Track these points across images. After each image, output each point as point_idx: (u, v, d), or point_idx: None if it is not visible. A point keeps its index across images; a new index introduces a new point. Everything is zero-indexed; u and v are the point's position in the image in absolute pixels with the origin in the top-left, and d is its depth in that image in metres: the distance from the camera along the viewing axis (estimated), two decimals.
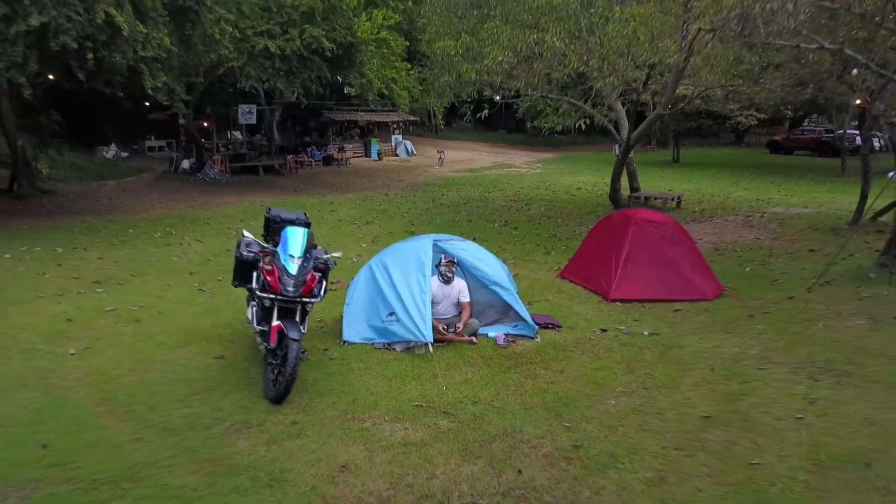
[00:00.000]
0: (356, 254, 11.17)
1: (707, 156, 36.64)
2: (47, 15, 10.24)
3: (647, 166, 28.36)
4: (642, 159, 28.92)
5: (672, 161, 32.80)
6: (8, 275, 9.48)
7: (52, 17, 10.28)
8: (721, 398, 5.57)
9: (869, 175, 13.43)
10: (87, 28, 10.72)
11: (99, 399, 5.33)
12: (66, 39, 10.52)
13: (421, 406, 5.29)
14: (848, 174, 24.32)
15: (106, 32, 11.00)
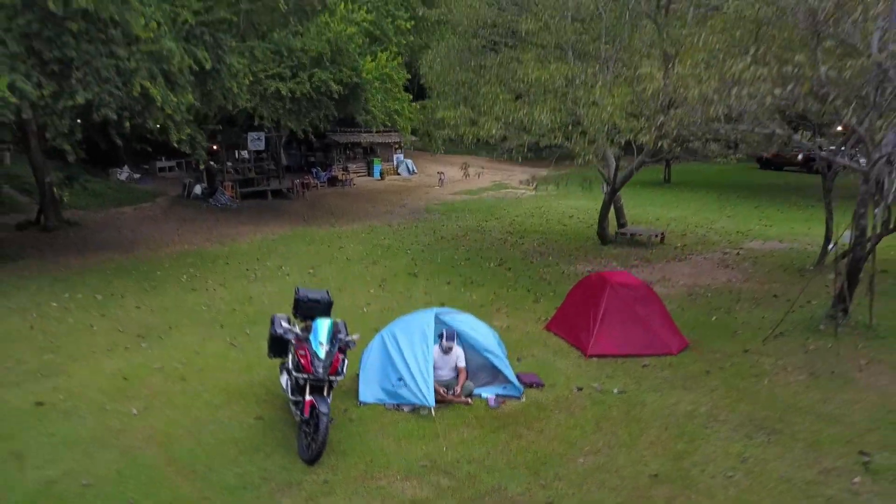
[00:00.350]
0: (366, 302, 12.43)
1: (698, 173, 37.86)
2: (91, 92, 11.53)
3: (637, 187, 29.54)
4: (633, 178, 30.20)
5: (663, 181, 34.07)
6: (61, 327, 10.76)
7: (95, 94, 11.57)
8: (670, 456, 6.85)
9: (830, 222, 14.71)
10: (125, 100, 12.01)
11: (167, 459, 6.61)
12: (108, 111, 11.82)
13: (426, 465, 6.57)
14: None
15: (141, 103, 12.30)
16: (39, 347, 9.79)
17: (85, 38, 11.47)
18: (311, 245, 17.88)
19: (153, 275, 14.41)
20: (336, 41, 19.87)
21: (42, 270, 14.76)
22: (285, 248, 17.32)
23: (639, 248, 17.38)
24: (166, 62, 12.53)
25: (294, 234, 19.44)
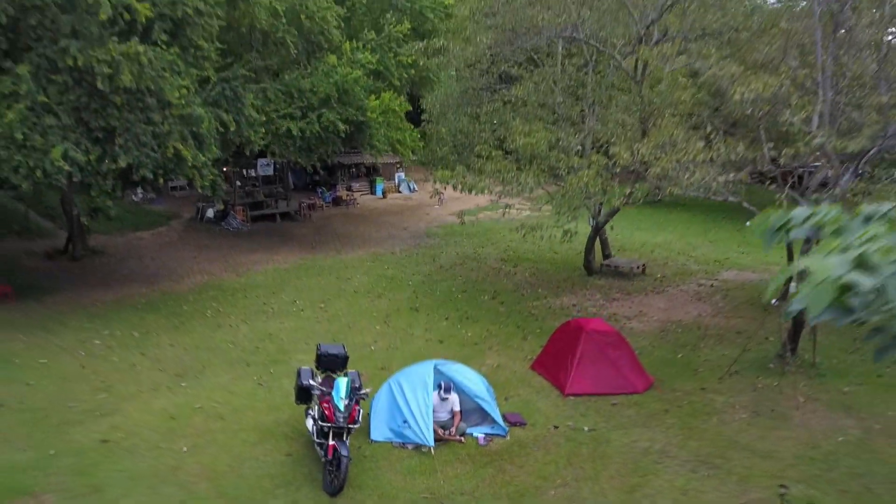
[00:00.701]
0: (373, 339, 13.98)
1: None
2: (131, 155, 13.11)
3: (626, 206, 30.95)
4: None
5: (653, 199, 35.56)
6: (107, 365, 12.34)
7: (135, 157, 13.14)
8: (626, 489, 8.43)
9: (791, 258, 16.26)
10: (160, 160, 13.59)
11: (216, 492, 8.19)
12: (145, 172, 13.39)
13: (426, 497, 8.14)
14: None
15: (173, 162, 13.87)
16: (93, 387, 11.36)
17: (126, 109, 13.04)
18: (321, 276, 19.44)
19: (180, 310, 15.98)
20: (342, 83, 21.45)
21: (78, 305, 16.33)
22: (297, 280, 18.89)
23: (621, 280, 18.95)
24: (196, 125, 14.10)
25: (304, 264, 20.99)
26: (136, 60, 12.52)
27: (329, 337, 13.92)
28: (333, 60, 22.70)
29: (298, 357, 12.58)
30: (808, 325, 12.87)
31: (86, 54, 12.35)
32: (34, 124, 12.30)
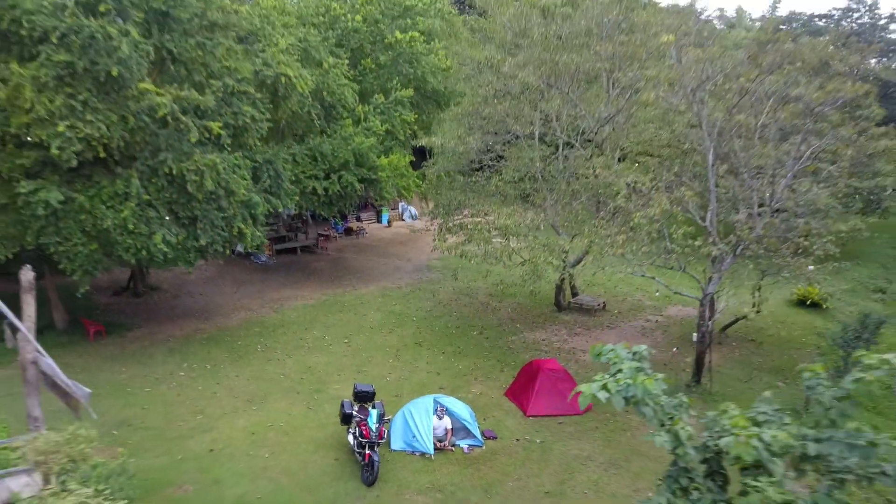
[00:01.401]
0: (388, 372, 18.51)
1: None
2: (208, 236, 17.67)
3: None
4: None
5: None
6: (195, 392, 16.89)
7: (210, 237, 17.71)
8: (558, 482, 12.98)
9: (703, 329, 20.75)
10: (227, 237, 18.16)
11: (294, 484, 12.74)
12: (217, 246, 17.97)
13: (429, 487, 12.69)
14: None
15: (237, 237, 18.44)
16: (190, 410, 15.92)
17: (205, 202, 17.58)
18: (342, 313, 23.96)
19: (235, 345, 20.52)
20: (358, 150, 25.96)
21: (155, 340, 20.88)
22: (323, 317, 23.41)
23: (584, 316, 23.50)
24: (254, 209, 18.66)
25: (327, 301, 25.50)
26: (215, 168, 17.10)
27: (354, 369, 18.53)
28: (350, 127, 27.16)
29: (334, 387, 17.17)
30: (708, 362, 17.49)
31: (178, 165, 16.92)
32: (140, 216, 16.85)
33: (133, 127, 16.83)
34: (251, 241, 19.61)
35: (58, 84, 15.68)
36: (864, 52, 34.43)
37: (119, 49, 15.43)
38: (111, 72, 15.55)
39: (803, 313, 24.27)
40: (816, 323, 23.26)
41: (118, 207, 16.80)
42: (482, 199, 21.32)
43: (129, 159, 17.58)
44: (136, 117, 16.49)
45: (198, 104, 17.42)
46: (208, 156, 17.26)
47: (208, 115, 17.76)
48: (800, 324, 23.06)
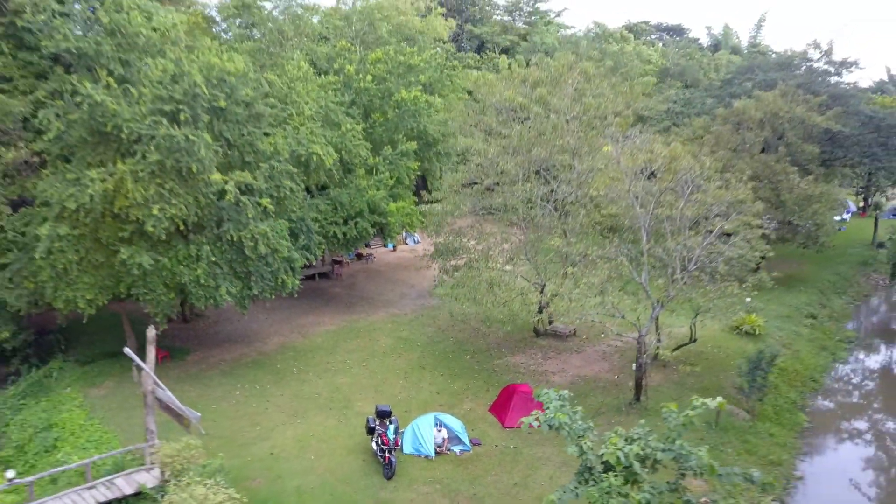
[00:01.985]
0: (399, 391, 23.62)
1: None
2: (259, 287, 22.79)
3: None
4: None
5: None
6: (251, 409, 22.00)
7: (260, 286, 22.84)
8: (522, 477, 18.13)
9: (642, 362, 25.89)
10: (274, 286, 23.33)
11: (336, 478, 17.90)
12: (266, 294, 23.14)
13: (431, 480, 17.84)
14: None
15: (280, 286, 23.60)
16: (249, 423, 21.04)
17: (258, 260, 22.68)
18: (358, 338, 29.04)
19: (276, 368, 25.62)
20: (372, 200, 31.05)
21: (210, 364, 25.96)
22: (344, 343, 28.48)
23: (558, 341, 28.59)
24: (294, 262, 23.76)
25: (345, 327, 30.56)
26: (266, 236, 22.21)
27: (372, 389, 23.66)
28: (363, 178, 32.21)
29: (358, 404, 22.30)
30: (645, 384, 22.61)
31: (238, 233, 22.03)
32: (209, 273, 21.94)
33: (204, 205, 21.97)
34: (291, 288, 24.76)
35: (151, 176, 20.79)
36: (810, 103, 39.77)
37: (197, 151, 20.53)
38: (191, 168, 20.66)
39: (738, 339, 29.33)
40: (748, 348, 28.26)
41: (192, 266, 21.94)
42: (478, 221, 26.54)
43: (200, 228, 22.70)
44: (206, 198, 21.62)
45: (251, 184, 22.54)
46: (261, 225, 22.40)
47: (259, 192, 22.87)
48: (733, 349, 28.12)
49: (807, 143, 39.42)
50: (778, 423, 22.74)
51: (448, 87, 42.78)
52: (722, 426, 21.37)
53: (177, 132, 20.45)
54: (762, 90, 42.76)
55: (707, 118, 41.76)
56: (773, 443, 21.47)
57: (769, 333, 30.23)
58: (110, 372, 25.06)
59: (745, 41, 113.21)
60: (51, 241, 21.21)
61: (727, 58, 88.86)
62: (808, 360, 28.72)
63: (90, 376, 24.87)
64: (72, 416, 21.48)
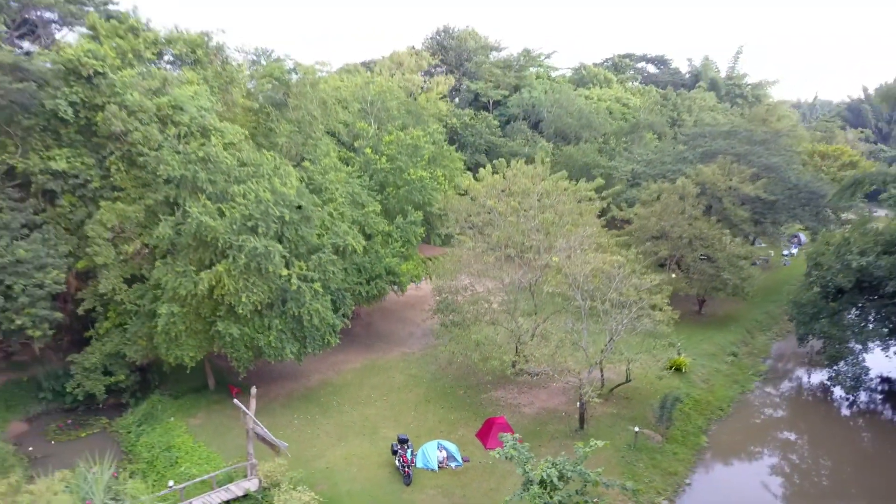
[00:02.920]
0: (411, 420, 32.73)
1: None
2: (312, 346, 31.93)
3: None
4: None
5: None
6: (308, 434, 31.15)
7: (313, 347, 31.96)
8: (497, 483, 27.30)
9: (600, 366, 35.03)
10: (321, 345, 32.43)
11: (372, 485, 27.06)
12: (316, 350, 32.32)
13: (436, 486, 27.01)
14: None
15: (326, 342, 32.71)
16: (308, 445, 30.16)
17: (311, 328, 31.80)
18: (378, 375, 38.11)
19: (320, 401, 34.71)
20: (387, 266, 40.09)
21: (270, 398, 34.99)
22: (367, 379, 37.53)
23: (530, 378, 37.64)
24: (336, 328, 32.88)
25: (367, 365, 39.59)
26: (318, 312, 31.28)
27: (392, 419, 32.77)
28: (381, 246, 41.25)
29: (383, 430, 31.41)
30: (588, 416, 31.71)
31: (298, 310, 31.10)
32: (277, 338, 31.03)
33: (274, 290, 31.05)
34: (333, 345, 33.87)
35: (240, 273, 29.85)
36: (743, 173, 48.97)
37: (273, 257, 29.62)
38: (268, 268, 29.75)
39: (670, 377, 38.34)
40: (675, 384, 37.37)
41: (266, 334, 31.06)
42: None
43: (270, 306, 31.76)
44: (276, 286, 30.72)
45: (307, 274, 31.63)
46: (314, 304, 31.48)
47: (312, 279, 31.95)
48: (663, 385, 37.10)
49: (740, 208, 48.58)
50: (683, 444, 31.84)
51: (447, 158, 51.75)
52: (638, 447, 30.44)
53: (259, 243, 29.53)
54: (709, 158, 51.93)
55: (660, 183, 50.62)
56: (675, 459, 30.58)
57: (693, 371, 39.31)
58: (199, 405, 34.21)
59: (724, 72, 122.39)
60: (168, 317, 30.34)
61: (701, 95, 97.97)
62: (719, 393, 37.84)
63: (185, 408, 33.98)
64: (183, 440, 30.60)
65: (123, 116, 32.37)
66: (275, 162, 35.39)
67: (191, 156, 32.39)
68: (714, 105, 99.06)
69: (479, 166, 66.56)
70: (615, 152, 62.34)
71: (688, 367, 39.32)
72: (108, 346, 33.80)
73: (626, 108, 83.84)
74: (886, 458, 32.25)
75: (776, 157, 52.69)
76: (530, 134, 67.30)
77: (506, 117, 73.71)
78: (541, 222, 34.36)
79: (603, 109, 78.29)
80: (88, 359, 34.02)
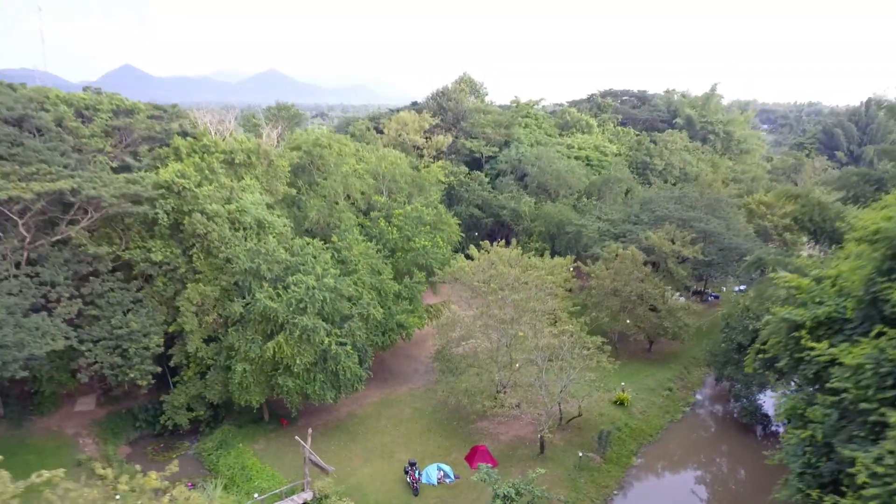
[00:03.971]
0: (418, 446, 44.40)
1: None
2: (345, 391, 43.54)
3: None
4: None
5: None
6: (344, 457, 42.84)
7: (345, 392, 43.59)
8: (477, 494, 39.02)
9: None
10: (350, 391, 44.07)
11: (390, 496, 38.80)
12: (346, 395, 44.01)
13: (436, 496, 38.73)
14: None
15: (353, 388, 44.33)
16: (343, 465, 41.85)
17: (345, 379, 43.34)
18: (391, 408, 49.71)
19: (349, 430, 46.37)
20: (399, 321, 51.59)
21: (312, 426, 46.62)
22: (384, 411, 49.13)
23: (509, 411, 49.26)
24: (361, 378, 44.44)
25: (382, 400, 51.17)
26: (350, 368, 42.87)
27: (403, 444, 44.49)
28: (393, 303, 52.81)
29: (397, 454, 43.12)
30: (546, 442, 43.45)
31: (337, 367, 42.71)
32: (321, 388, 42.60)
33: (318, 352, 42.69)
34: (359, 389, 45.48)
35: (295, 342, 41.45)
36: (685, 238, 60.43)
37: (319, 332, 41.22)
38: (315, 338, 41.35)
39: (615, 409, 50.03)
40: (617, 415, 49.00)
41: (312, 384, 42.70)
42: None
43: (314, 364, 43.35)
44: (320, 350, 42.35)
45: (341, 339, 43.26)
46: (348, 361, 43.09)
47: (345, 343, 43.55)
48: (608, 417, 48.78)
49: (681, 267, 60.21)
50: (616, 464, 43.51)
51: (445, 223, 63.22)
52: (581, 467, 42.12)
53: (308, 321, 41.13)
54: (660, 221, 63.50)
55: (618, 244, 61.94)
56: (609, 476, 42.25)
57: (634, 404, 50.97)
58: (259, 433, 45.91)
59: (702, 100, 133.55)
60: (241, 373, 42.01)
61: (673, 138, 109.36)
62: (652, 422, 49.52)
63: (249, 436, 45.66)
64: (252, 462, 42.27)
65: (204, 221, 43.88)
66: (313, 250, 46.98)
67: (255, 251, 43.98)
68: (686, 145, 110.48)
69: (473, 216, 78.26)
70: (586, 209, 73.86)
71: (629, 401, 50.96)
72: (192, 389, 45.48)
73: (604, 155, 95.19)
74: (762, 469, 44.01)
75: (715, 221, 64.16)
76: (516, 190, 78.62)
77: (496, 171, 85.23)
78: (513, 301, 45.89)
79: (582, 160, 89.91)
80: (177, 398, 45.69)
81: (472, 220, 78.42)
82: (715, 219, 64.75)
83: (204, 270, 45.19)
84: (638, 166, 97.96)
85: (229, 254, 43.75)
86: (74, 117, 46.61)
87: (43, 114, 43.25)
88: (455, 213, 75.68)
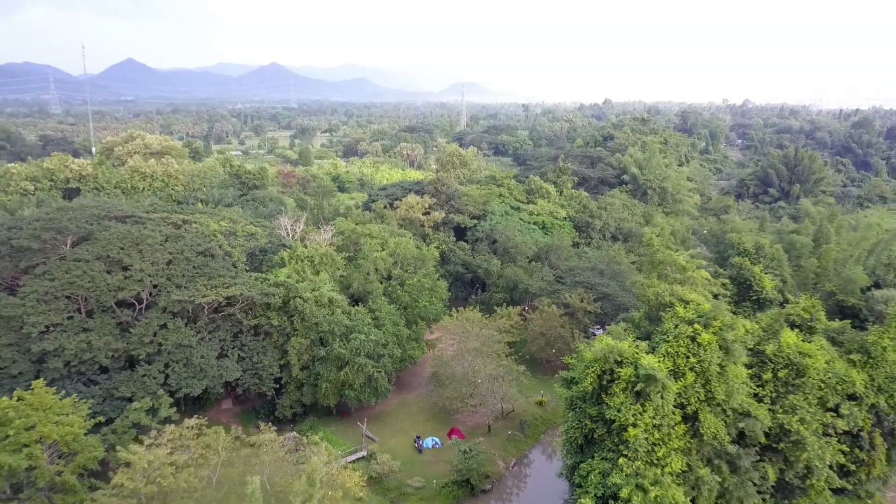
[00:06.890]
0: (420, 429, 79.57)
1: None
2: (381, 398, 78.53)
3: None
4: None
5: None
6: (383, 434, 78.07)
7: (379, 398, 78.61)
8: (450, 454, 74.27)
9: None
10: (377, 400, 79.07)
11: (408, 453, 74.09)
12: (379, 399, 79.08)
13: (431, 454, 73.98)
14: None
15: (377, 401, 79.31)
16: (384, 438, 77.04)
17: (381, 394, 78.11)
18: (406, 407, 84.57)
19: (382, 419, 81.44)
20: (406, 355, 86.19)
21: (361, 418, 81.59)
22: (401, 409, 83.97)
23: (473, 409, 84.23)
24: (387, 393, 79.11)
25: (400, 401, 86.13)
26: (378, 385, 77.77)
27: (412, 426, 79.76)
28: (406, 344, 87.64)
29: (410, 432, 78.44)
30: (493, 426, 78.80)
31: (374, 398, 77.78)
32: (370, 394, 77.56)
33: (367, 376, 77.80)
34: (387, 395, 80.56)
35: (354, 372, 76.50)
36: (590, 297, 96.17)
37: (368, 366, 76.30)
38: (367, 370, 76.48)
39: (536, 407, 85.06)
40: (537, 411, 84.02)
41: (362, 393, 77.86)
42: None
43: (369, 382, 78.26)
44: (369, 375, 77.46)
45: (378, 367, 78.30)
46: (382, 381, 78.09)
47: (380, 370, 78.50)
48: (530, 412, 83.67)
49: (587, 317, 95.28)
50: (531, 438, 78.62)
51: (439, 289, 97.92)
52: (510, 440, 77.21)
53: (363, 361, 76.16)
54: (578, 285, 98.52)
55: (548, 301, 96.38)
56: (525, 444, 77.34)
57: (548, 404, 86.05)
58: (331, 422, 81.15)
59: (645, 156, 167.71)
60: (325, 388, 77.30)
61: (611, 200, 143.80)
62: (557, 414, 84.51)
63: (325, 423, 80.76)
64: (330, 436, 77.40)
65: (301, 303, 78.73)
66: (362, 316, 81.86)
67: (331, 318, 78.95)
68: (624, 203, 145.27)
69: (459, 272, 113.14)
70: (534, 270, 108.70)
71: (545, 402, 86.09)
72: (293, 396, 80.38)
73: (556, 219, 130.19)
74: None
75: (614, 284, 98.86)
76: (487, 254, 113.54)
77: (475, 237, 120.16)
78: (474, 348, 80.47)
79: (538, 224, 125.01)
80: (285, 401, 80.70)
81: (458, 275, 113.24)
82: (614, 282, 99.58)
83: (300, 330, 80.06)
84: (582, 225, 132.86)
85: (315, 320, 78.65)
86: (225, 238, 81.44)
87: (215, 246, 77.97)
88: (446, 270, 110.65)
